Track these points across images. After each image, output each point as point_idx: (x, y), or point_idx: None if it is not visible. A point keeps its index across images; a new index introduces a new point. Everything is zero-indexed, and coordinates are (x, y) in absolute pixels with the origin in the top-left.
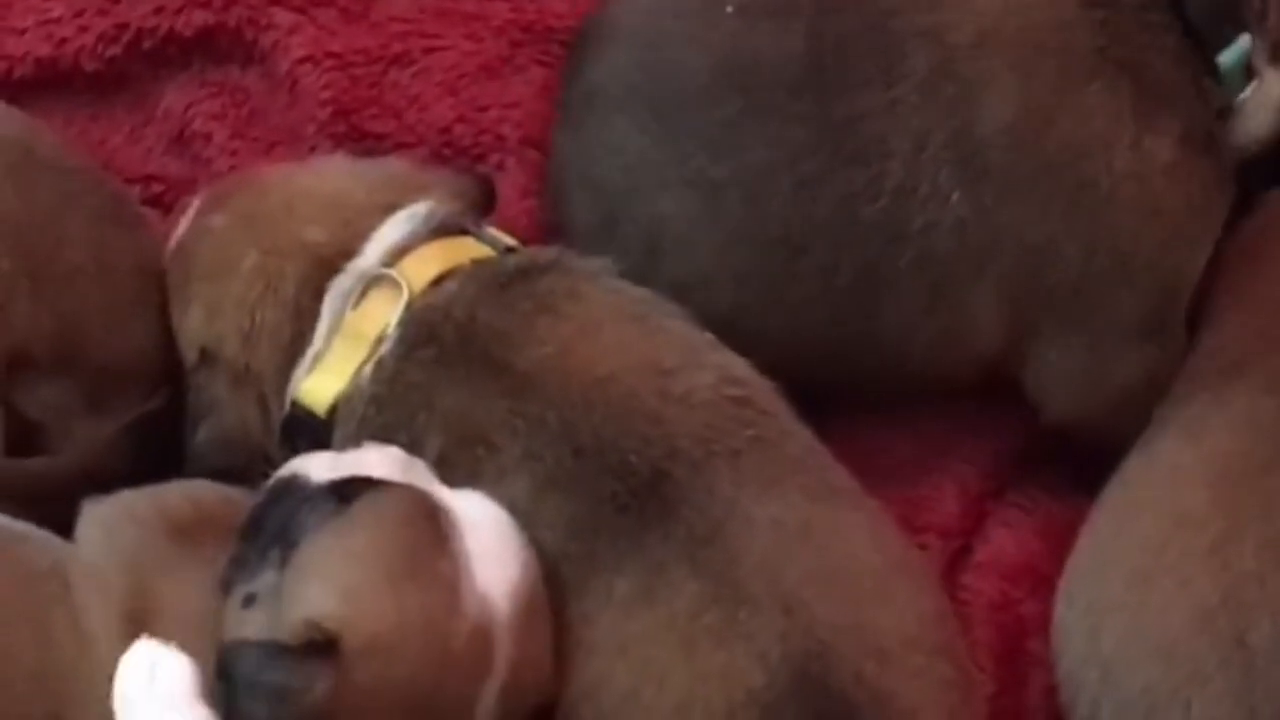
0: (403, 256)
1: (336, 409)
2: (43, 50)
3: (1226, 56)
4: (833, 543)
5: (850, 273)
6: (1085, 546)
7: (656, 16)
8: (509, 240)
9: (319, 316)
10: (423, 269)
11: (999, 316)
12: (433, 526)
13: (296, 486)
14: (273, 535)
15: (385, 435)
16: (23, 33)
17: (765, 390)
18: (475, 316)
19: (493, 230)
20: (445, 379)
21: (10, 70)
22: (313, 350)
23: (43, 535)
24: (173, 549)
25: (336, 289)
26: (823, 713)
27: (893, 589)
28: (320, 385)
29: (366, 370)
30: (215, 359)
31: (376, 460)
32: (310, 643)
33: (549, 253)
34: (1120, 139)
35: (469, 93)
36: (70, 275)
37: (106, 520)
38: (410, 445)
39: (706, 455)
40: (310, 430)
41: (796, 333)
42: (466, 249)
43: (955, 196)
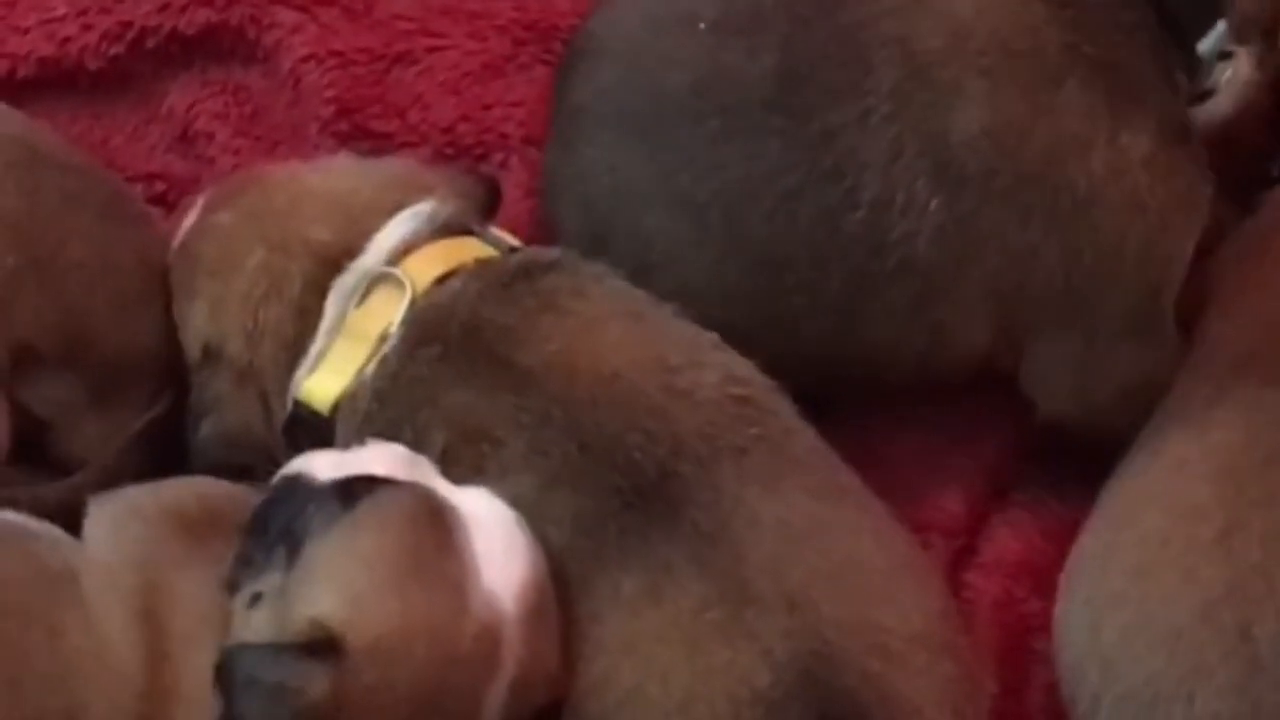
0: (406, 255)
1: (339, 407)
2: (46, 49)
3: (1205, 44)
4: (837, 541)
5: (836, 285)
6: (1088, 539)
7: (634, 34)
8: (512, 240)
9: (322, 315)
10: (426, 268)
11: (987, 320)
12: (438, 525)
13: (301, 485)
14: (278, 534)
15: (389, 431)
16: (26, 31)
17: (768, 389)
18: (479, 314)
19: (496, 230)
20: (449, 375)
21: (14, 69)
22: (316, 348)
23: (53, 534)
24: (181, 546)
25: (340, 288)
26: (827, 711)
27: (897, 587)
28: (323, 384)
29: (370, 368)
30: (218, 356)
31: (381, 458)
32: (310, 642)
33: (552, 252)
34: (1097, 137)
35: (472, 92)
36: (75, 271)
37: (114, 518)
38: (414, 441)
39: (712, 453)
40: (313, 428)
41: (787, 346)
42: (470, 248)
43: (934, 204)
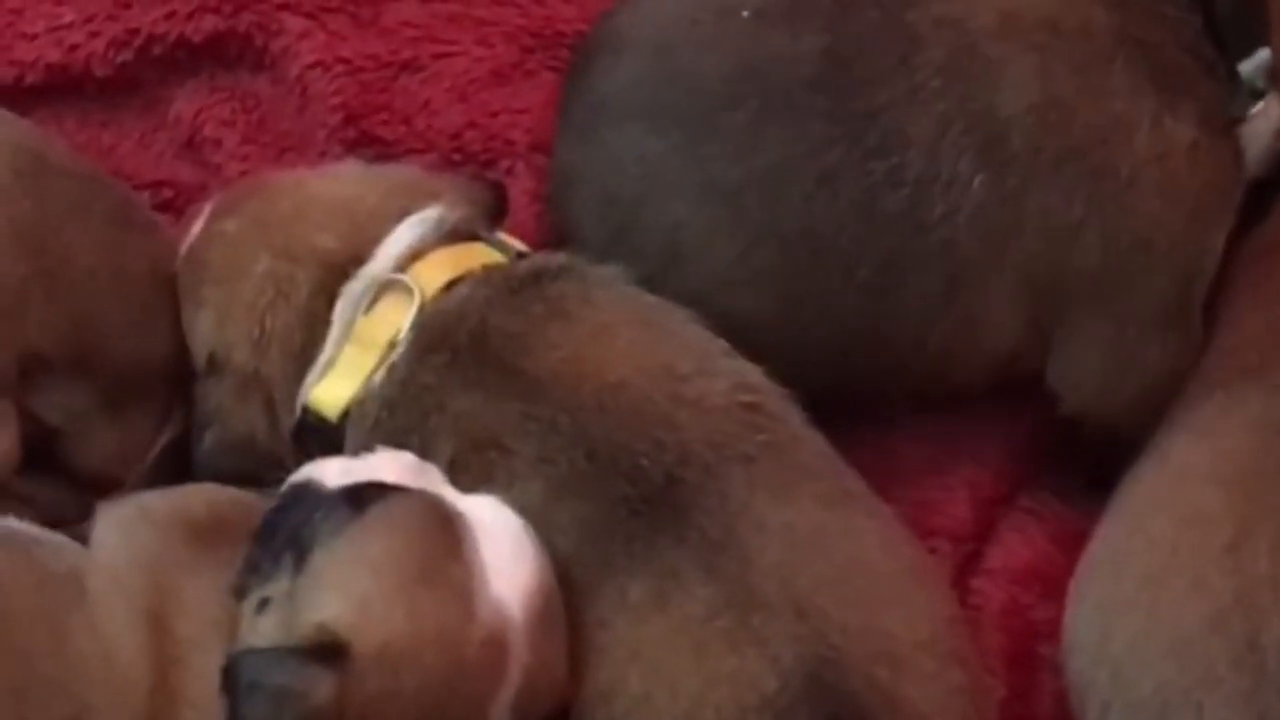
0: (414, 262)
1: (348, 414)
2: (53, 56)
3: (1246, 66)
4: (845, 548)
5: (871, 265)
6: (1098, 546)
7: (667, 26)
8: (520, 246)
9: (330, 322)
10: (434, 274)
11: (1018, 306)
12: (446, 532)
13: (310, 492)
14: (286, 541)
15: (398, 438)
16: (33, 38)
17: (777, 397)
18: (487, 321)
19: (504, 236)
20: (458, 382)
21: (21, 76)
22: (324, 356)
23: (58, 539)
24: (189, 551)
25: (348, 295)
26: (835, 717)
27: (905, 594)
28: (332, 391)
29: (378, 375)
30: (222, 366)
31: (389, 465)
32: (316, 647)
33: (560, 258)
34: (1142, 119)
35: (479, 98)
36: (84, 279)
37: (123, 522)
38: (422, 448)
39: (719, 460)
40: (322, 435)
41: (814, 331)
42: (478, 254)
43: (977, 181)
